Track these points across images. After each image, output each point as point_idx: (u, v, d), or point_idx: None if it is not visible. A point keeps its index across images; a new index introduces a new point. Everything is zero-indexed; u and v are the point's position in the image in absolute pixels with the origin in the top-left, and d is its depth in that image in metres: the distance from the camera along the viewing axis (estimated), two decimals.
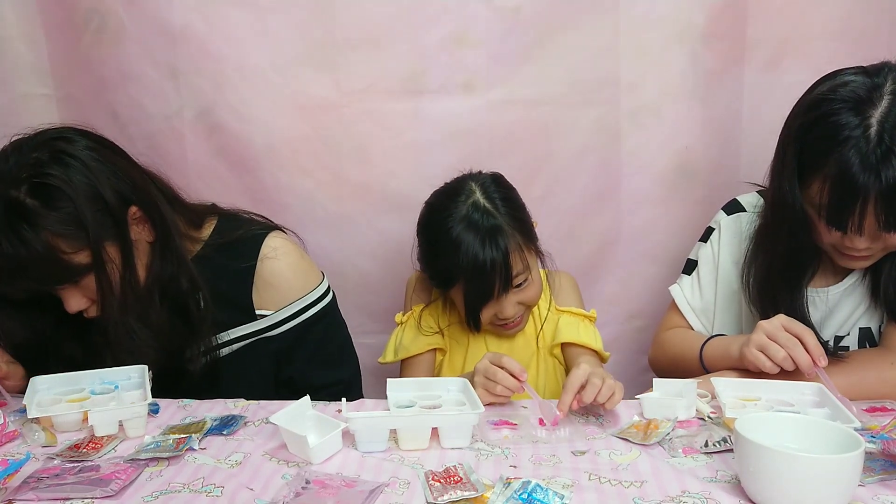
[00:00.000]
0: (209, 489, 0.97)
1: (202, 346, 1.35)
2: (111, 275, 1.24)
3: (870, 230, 1.18)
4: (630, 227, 1.76)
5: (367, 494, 0.94)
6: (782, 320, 1.20)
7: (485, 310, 1.41)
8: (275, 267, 1.38)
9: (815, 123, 1.20)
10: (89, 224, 1.19)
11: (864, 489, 0.93)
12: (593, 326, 1.52)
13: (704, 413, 1.16)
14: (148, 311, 1.29)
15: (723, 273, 1.46)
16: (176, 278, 1.32)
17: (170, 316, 1.32)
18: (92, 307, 1.27)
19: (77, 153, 1.21)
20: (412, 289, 1.59)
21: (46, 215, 1.17)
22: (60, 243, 1.18)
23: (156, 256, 1.31)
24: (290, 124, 1.64)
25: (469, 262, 1.35)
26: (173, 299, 1.32)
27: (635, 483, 0.97)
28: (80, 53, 1.62)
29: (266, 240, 1.39)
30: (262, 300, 1.38)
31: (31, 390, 1.19)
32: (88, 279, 1.23)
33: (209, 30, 1.59)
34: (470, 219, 1.37)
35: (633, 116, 1.68)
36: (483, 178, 1.45)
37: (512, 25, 1.60)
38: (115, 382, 1.23)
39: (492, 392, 1.22)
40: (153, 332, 1.29)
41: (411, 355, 1.51)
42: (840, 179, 1.15)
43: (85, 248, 1.21)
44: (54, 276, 1.22)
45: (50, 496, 0.95)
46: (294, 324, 1.39)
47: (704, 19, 1.61)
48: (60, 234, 1.18)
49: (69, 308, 1.25)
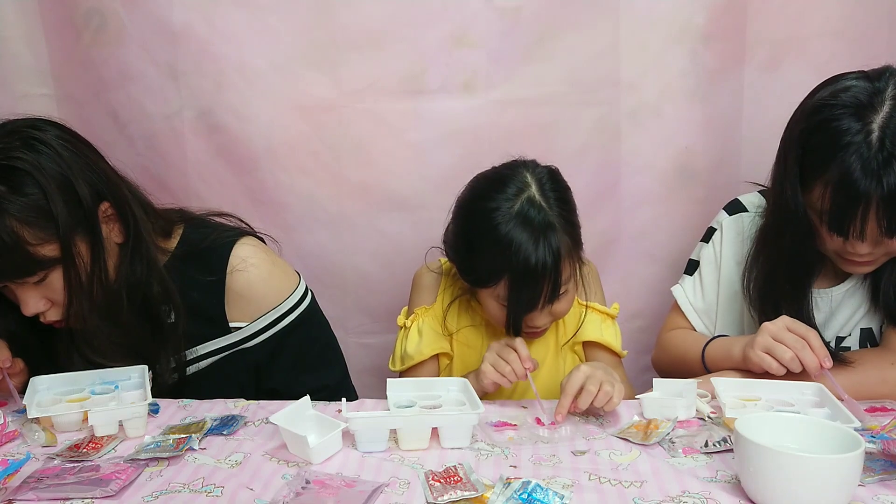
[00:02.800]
0: (209, 489, 0.97)
1: (172, 361, 1.30)
2: (80, 270, 1.18)
3: (872, 236, 1.18)
4: (630, 227, 1.76)
5: (367, 494, 0.94)
6: (786, 322, 1.20)
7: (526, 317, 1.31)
8: (245, 279, 1.32)
9: (816, 129, 1.20)
10: (59, 214, 1.14)
11: (864, 489, 0.93)
12: (615, 324, 1.49)
13: (704, 413, 1.16)
14: (117, 312, 1.24)
15: (725, 273, 1.46)
16: (147, 283, 1.26)
17: (140, 321, 1.27)
18: (51, 310, 1.22)
19: (50, 141, 1.17)
20: (421, 286, 1.52)
21: (13, 201, 1.12)
22: (25, 233, 1.13)
23: (125, 258, 1.25)
24: (290, 124, 1.64)
25: (520, 263, 1.23)
26: (143, 305, 1.27)
27: (635, 483, 0.97)
28: (80, 53, 1.62)
29: (234, 249, 1.34)
30: (234, 313, 1.34)
31: (32, 390, 1.19)
32: (52, 277, 1.18)
33: (209, 30, 1.58)
34: (525, 216, 1.25)
35: (633, 116, 1.68)
36: (540, 171, 1.32)
37: (512, 25, 1.60)
38: (116, 382, 1.23)
39: (499, 370, 1.21)
40: (122, 332, 1.24)
41: (416, 363, 1.45)
42: (841, 185, 1.15)
43: (52, 241, 1.16)
44: (16, 269, 1.16)
45: (50, 496, 0.95)
46: (270, 333, 1.35)
47: (704, 19, 1.61)
48: (26, 223, 1.13)
49: (26, 309, 1.19)
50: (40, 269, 1.17)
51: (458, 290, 1.46)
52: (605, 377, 1.16)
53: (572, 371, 1.17)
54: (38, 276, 1.17)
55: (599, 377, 1.15)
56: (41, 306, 1.21)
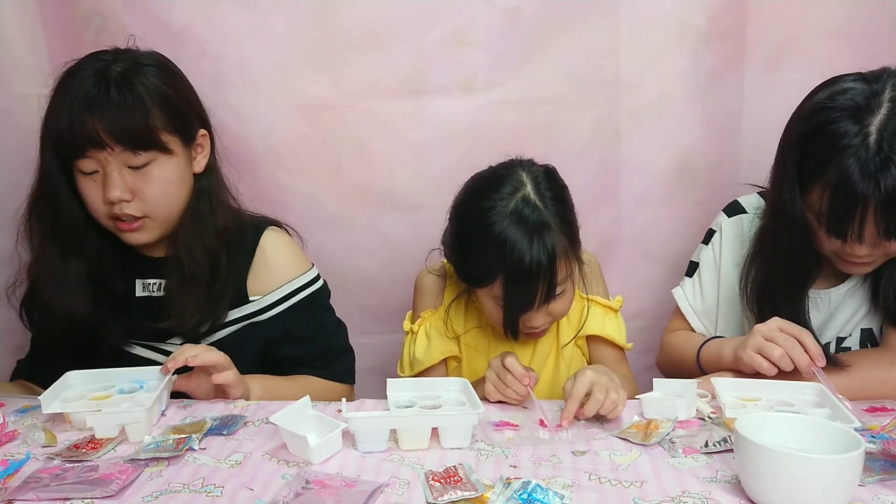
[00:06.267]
0: (209, 489, 0.97)
1: (211, 319, 1.37)
2: (178, 170, 1.33)
3: (870, 238, 1.18)
4: (630, 227, 1.76)
5: (367, 494, 0.94)
6: (779, 322, 1.21)
7: (521, 317, 1.31)
8: (271, 252, 1.43)
9: (814, 132, 1.20)
10: (186, 115, 1.34)
11: (864, 489, 0.93)
12: (618, 317, 1.48)
13: (704, 413, 1.16)
14: (197, 231, 1.36)
15: (724, 275, 1.46)
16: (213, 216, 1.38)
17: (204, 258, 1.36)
18: (133, 202, 1.29)
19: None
20: (423, 290, 1.52)
21: (158, 85, 1.29)
22: (157, 113, 1.28)
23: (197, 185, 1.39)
24: (290, 124, 1.64)
25: (514, 262, 1.23)
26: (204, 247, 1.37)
27: (635, 483, 0.97)
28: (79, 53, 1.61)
29: (268, 229, 1.45)
30: (254, 284, 1.41)
31: (63, 385, 1.20)
32: (153, 165, 1.29)
33: (209, 30, 1.58)
34: (519, 214, 1.25)
35: (633, 116, 1.67)
36: (536, 169, 1.32)
37: (512, 25, 1.60)
38: (143, 382, 1.24)
39: (502, 392, 1.22)
40: (202, 249, 1.35)
41: (425, 368, 1.45)
42: (840, 188, 1.15)
43: (172, 133, 1.31)
44: (136, 137, 1.26)
45: (50, 496, 0.95)
46: (283, 308, 1.42)
47: (705, 19, 1.61)
48: (160, 106, 1.28)
49: (113, 191, 1.27)
50: (154, 148, 1.28)
51: (460, 290, 1.45)
52: (611, 384, 1.15)
53: (577, 375, 1.16)
54: (148, 154, 1.28)
55: (605, 384, 1.15)
56: (126, 195, 1.28)
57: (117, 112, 1.24)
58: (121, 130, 1.24)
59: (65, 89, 1.27)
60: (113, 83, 1.25)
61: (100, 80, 1.26)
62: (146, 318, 1.37)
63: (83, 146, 1.25)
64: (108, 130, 1.24)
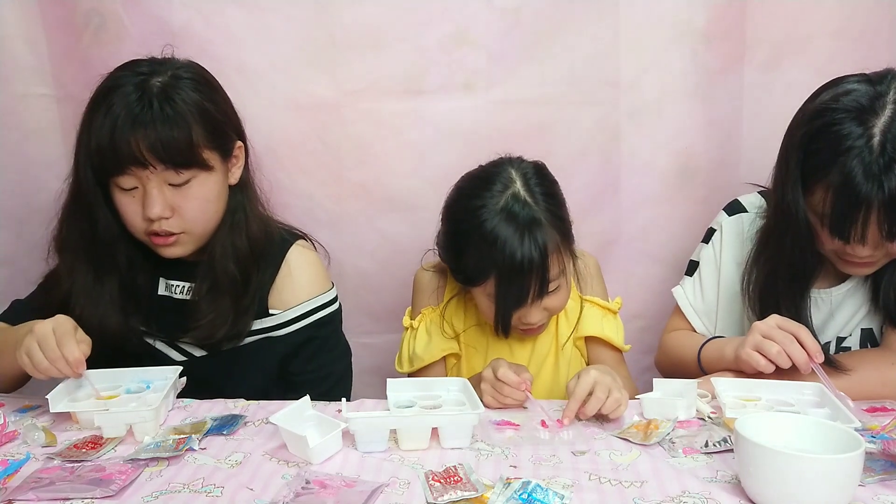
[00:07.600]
0: (209, 489, 0.97)
1: (237, 328, 1.36)
2: (217, 186, 1.31)
3: (873, 239, 1.18)
4: (630, 227, 1.76)
5: (367, 494, 0.94)
6: (777, 319, 1.21)
7: (514, 314, 1.31)
8: (297, 267, 1.41)
9: (817, 133, 1.20)
10: (223, 127, 1.32)
11: (864, 489, 0.93)
12: (617, 318, 1.48)
13: (704, 413, 1.16)
14: (232, 242, 1.34)
15: (725, 274, 1.46)
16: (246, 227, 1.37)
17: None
18: (173, 219, 1.28)
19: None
20: (422, 287, 1.52)
21: (199, 100, 1.27)
22: (198, 130, 1.26)
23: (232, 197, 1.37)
24: (290, 124, 1.64)
25: (505, 259, 1.23)
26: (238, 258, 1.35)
27: (635, 483, 0.97)
28: (80, 53, 1.62)
29: (296, 243, 1.44)
30: (275, 299, 1.40)
31: (74, 384, 1.19)
32: (193, 182, 1.27)
33: (209, 30, 1.58)
34: (509, 211, 1.25)
35: (633, 116, 1.67)
36: (525, 166, 1.33)
37: (512, 25, 1.60)
38: (150, 382, 1.24)
39: (501, 402, 1.22)
40: (235, 261, 1.34)
41: (426, 365, 1.45)
42: (843, 189, 1.15)
43: (212, 149, 1.29)
44: (179, 155, 1.24)
45: (50, 496, 0.95)
46: (300, 325, 1.40)
47: (704, 19, 1.61)
48: (201, 123, 1.26)
49: (151, 209, 1.25)
50: (196, 166, 1.27)
51: (458, 288, 1.45)
52: (613, 384, 1.16)
53: (580, 374, 1.17)
54: (189, 172, 1.27)
55: (608, 383, 1.15)
56: (167, 213, 1.28)
57: (161, 131, 1.22)
58: (164, 150, 1.23)
59: (105, 104, 1.23)
60: (155, 99, 1.23)
61: (142, 98, 1.23)
62: (164, 317, 1.37)
63: (124, 164, 1.23)
64: (151, 150, 1.22)
